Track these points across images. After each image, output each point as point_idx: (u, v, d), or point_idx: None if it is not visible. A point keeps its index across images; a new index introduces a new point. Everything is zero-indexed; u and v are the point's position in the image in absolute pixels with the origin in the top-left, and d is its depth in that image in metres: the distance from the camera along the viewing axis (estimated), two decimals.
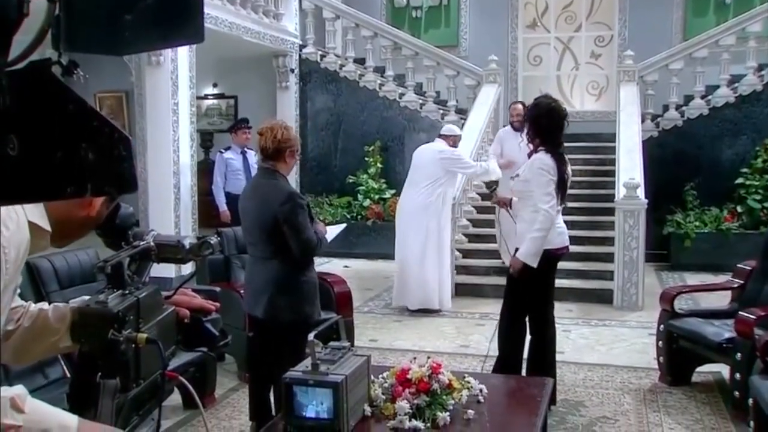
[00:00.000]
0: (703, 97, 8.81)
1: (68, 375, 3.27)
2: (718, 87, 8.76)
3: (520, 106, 7.01)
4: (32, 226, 1.16)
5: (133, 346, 1.27)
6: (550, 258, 3.88)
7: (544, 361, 3.92)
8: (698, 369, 4.40)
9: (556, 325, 5.89)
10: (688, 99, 8.94)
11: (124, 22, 0.81)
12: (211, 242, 1.47)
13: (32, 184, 0.76)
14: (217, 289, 4.18)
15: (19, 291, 1.26)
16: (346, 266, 8.16)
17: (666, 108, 8.96)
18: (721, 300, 4.91)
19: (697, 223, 8.12)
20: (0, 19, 0.63)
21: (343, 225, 4.19)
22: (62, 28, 0.76)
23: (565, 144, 9.61)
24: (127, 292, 1.33)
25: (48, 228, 1.20)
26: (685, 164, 8.57)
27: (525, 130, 4.00)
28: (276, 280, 3.36)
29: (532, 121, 3.90)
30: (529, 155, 3.96)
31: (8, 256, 1.10)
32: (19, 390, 1.12)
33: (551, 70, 11.19)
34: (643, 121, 8.48)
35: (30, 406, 1.10)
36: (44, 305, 1.40)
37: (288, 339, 3.39)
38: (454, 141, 6.43)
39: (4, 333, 1.23)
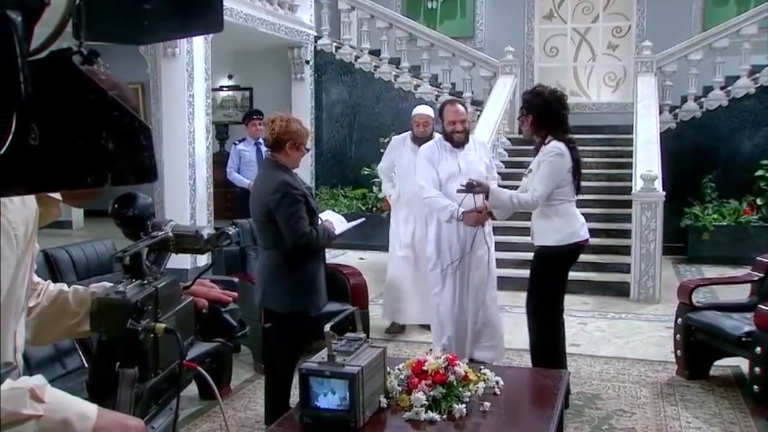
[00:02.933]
0: (722, 88, 8.70)
1: (86, 365, 3.30)
2: (738, 77, 8.64)
3: (461, 109, 4.37)
4: (41, 196, 1.17)
5: (152, 336, 1.28)
6: (575, 250, 3.86)
7: (549, 352, 3.83)
8: (716, 363, 4.36)
9: (573, 317, 5.84)
10: (707, 90, 8.83)
11: (143, 11, 0.80)
12: (229, 233, 1.47)
13: (53, 173, 0.76)
14: (236, 279, 4.20)
15: (35, 267, 1.27)
16: (361, 258, 8.16)
17: (684, 99, 8.86)
18: (740, 293, 4.86)
19: (715, 216, 8.04)
20: (23, 9, 0.63)
21: (360, 220, 4.15)
22: (83, 18, 0.76)
23: (582, 136, 9.40)
24: (145, 282, 1.33)
25: (57, 196, 1.21)
26: (703, 156, 8.48)
27: (527, 122, 3.81)
28: (269, 269, 3.44)
29: (540, 109, 3.77)
30: (537, 149, 3.85)
31: (17, 231, 1.11)
32: (38, 380, 1.12)
33: (568, 61, 11.09)
34: (660, 112, 8.39)
35: (50, 395, 1.11)
36: (64, 287, 1.41)
37: (284, 330, 3.43)
38: (417, 123, 5.31)
39: (26, 308, 1.25)
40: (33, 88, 0.68)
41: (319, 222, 3.49)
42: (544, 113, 3.77)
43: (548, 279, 3.85)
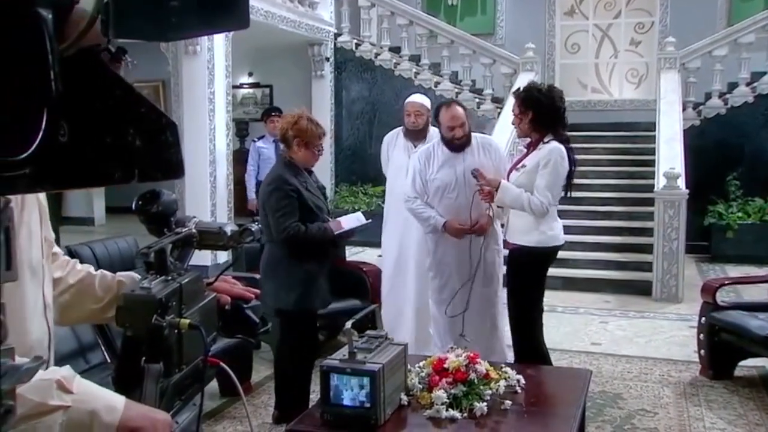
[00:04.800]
0: (748, 84, 8.56)
1: (109, 360, 3.34)
2: (764, 73, 8.50)
3: (459, 112, 3.85)
4: None
5: (176, 331, 1.28)
6: (554, 253, 3.77)
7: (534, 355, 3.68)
8: (741, 363, 4.30)
9: (594, 316, 5.79)
10: (732, 86, 8.69)
11: (170, 8, 0.80)
12: (252, 229, 1.48)
13: (81, 169, 0.76)
14: (258, 276, 4.21)
15: (51, 233, 1.29)
16: (380, 255, 8.15)
17: (708, 96, 8.73)
18: (765, 293, 4.79)
19: (740, 214, 7.92)
20: (54, 6, 0.64)
21: (367, 221, 4.02)
22: (110, 16, 0.76)
23: (604, 133, 9.29)
24: (170, 278, 1.34)
25: None
26: (727, 154, 8.35)
27: (525, 119, 3.64)
28: (266, 263, 3.45)
29: (540, 105, 3.63)
30: (534, 146, 3.71)
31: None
32: (65, 371, 1.13)
33: (589, 57, 10.98)
34: (684, 109, 8.29)
35: (78, 386, 1.12)
36: (91, 269, 1.42)
37: (284, 326, 3.39)
38: (408, 112, 4.69)
39: (48, 268, 1.27)
40: (62, 86, 0.68)
41: (329, 221, 3.45)
42: (543, 110, 3.64)
43: (526, 279, 3.71)
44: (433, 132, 4.67)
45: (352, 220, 3.62)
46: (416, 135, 4.65)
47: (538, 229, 3.65)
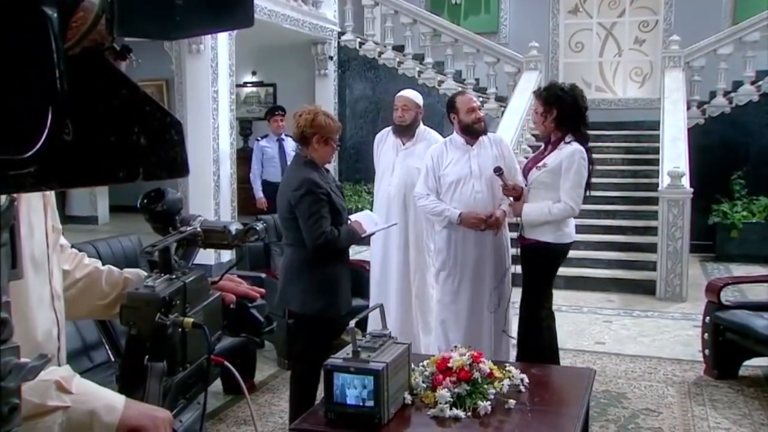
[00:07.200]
0: (753, 83, 8.53)
1: (113, 359, 3.34)
2: None
3: (474, 101, 3.95)
4: None
5: (180, 330, 1.28)
6: (567, 249, 3.80)
7: (542, 353, 3.70)
8: (746, 363, 4.29)
9: (598, 315, 5.77)
10: (737, 85, 8.67)
11: (175, 7, 0.80)
12: (257, 228, 1.47)
13: (86, 168, 0.76)
14: (263, 275, 4.21)
15: (59, 224, 1.28)
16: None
17: (713, 94, 8.72)
18: None
19: (744, 213, 7.90)
20: (59, 5, 0.64)
21: (393, 224, 4.07)
22: (115, 14, 0.76)
23: (608, 132, 9.27)
24: (174, 276, 1.33)
25: None
26: (732, 152, 8.33)
27: (549, 117, 3.67)
28: (289, 267, 3.33)
29: (565, 105, 3.66)
30: (553, 146, 3.74)
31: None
32: (64, 372, 1.13)
33: (593, 56, 10.96)
34: (688, 108, 8.27)
35: (77, 387, 1.11)
36: (98, 264, 1.42)
37: (304, 330, 3.35)
38: (396, 107, 4.44)
39: (57, 249, 1.26)
40: (67, 84, 0.68)
41: (349, 221, 3.39)
42: (567, 108, 3.68)
43: (539, 276, 3.76)
44: (423, 130, 4.50)
45: (365, 219, 3.58)
46: (404, 132, 4.43)
47: (554, 225, 3.69)
